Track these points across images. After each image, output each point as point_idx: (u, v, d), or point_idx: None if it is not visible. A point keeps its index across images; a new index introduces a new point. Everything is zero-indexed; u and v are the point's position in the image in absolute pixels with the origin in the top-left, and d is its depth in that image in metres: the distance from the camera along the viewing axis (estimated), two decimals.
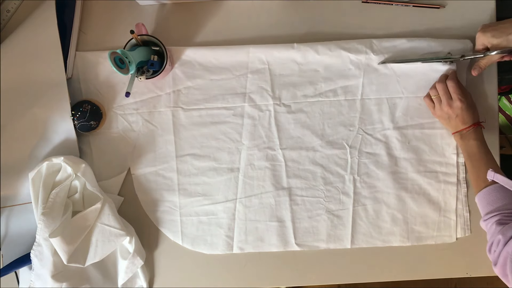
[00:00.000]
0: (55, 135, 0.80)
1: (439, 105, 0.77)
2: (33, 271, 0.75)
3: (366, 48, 0.80)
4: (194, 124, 0.82)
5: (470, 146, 0.75)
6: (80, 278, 0.77)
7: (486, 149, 0.74)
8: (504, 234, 0.64)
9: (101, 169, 0.82)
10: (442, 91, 0.76)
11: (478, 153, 0.74)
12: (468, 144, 0.76)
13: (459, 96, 0.74)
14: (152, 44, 0.77)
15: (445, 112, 0.77)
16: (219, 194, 0.82)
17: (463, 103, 0.74)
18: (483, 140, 0.75)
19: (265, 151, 0.82)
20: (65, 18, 0.80)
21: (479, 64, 0.77)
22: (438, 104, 0.78)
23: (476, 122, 0.76)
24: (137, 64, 0.73)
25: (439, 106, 0.77)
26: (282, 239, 0.82)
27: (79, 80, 0.82)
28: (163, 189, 0.82)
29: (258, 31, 0.82)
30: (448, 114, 0.77)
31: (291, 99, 0.82)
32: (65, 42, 0.79)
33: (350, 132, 0.82)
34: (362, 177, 0.81)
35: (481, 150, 0.74)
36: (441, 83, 0.77)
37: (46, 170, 0.75)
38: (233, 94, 0.82)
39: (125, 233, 0.75)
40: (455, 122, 0.77)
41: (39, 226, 0.73)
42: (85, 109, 0.79)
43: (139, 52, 0.74)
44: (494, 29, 0.72)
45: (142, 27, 0.76)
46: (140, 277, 0.80)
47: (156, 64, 0.75)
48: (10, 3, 0.81)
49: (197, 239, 0.82)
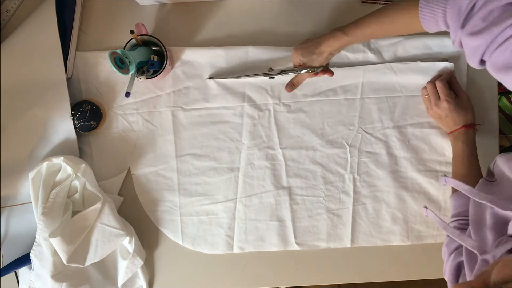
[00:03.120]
0: (55, 135, 0.80)
1: (430, 105, 0.78)
2: (33, 271, 0.75)
3: (363, 46, 0.80)
4: (194, 124, 0.82)
5: (457, 148, 0.74)
6: (80, 278, 0.77)
7: (471, 154, 0.73)
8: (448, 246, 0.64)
9: (101, 169, 0.82)
10: (431, 91, 0.77)
11: (461, 156, 0.73)
12: (456, 145, 0.75)
13: (446, 97, 0.74)
14: (152, 44, 0.77)
15: (435, 112, 0.77)
16: (219, 193, 0.82)
17: (450, 104, 0.74)
18: (470, 144, 0.73)
19: (265, 151, 0.82)
20: (65, 18, 0.80)
21: (292, 81, 0.77)
22: (429, 104, 0.78)
23: (468, 124, 0.74)
24: (137, 64, 0.73)
25: (430, 106, 0.78)
26: (282, 238, 0.82)
27: (79, 80, 0.82)
28: (163, 189, 0.82)
29: (258, 31, 0.82)
30: (438, 114, 0.77)
31: (290, 99, 0.82)
32: (65, 42, 0.79)
33: (350, 131, 0.82)
34: (362, 176, 0.81)
35: (465, 153, 0.73)
36: (430, 83, 0.77)
37: (46, 170, 0.75)
38: (233, 93, 0.82)
39: (125, 233, 0.75)
40: (446, 122, 0.76)
41: (39, 226, 0.73)
42: (85, 109, 0.79)
43: (139, 52, 0.74)
44: (302, 48, 0.72)
45: (142, 27, 0.76)
46: (140, 277, 0.80)
47: (156, 64, 0.75)
48: (10, 3, 0.81)
49: (197, 238, 0.82)
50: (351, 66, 0.80)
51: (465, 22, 0.49)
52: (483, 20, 0.47)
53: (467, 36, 0.49)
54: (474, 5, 0.48)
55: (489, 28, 0.46)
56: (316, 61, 0.72)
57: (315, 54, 0.71)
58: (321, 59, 0.71)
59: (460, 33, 0.50)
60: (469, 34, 0.49)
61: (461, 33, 0.50)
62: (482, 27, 0.47)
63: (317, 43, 0.70)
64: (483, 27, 0.47)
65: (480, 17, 0.46)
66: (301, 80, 0.77)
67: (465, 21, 0.49)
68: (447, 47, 0.80)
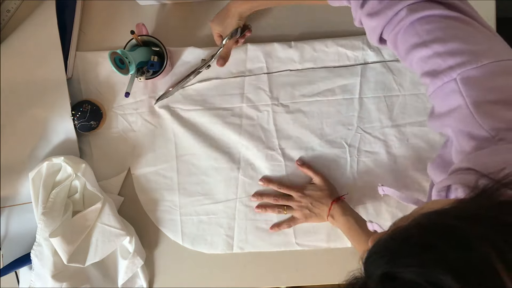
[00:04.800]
0: (55, 135, 0.80)
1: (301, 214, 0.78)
2: (33, 271, 0.75)
3: (363, 44, 0.80)
4: (193, 124, 0.82)
5: (342, 224, 0.74)
6: (80, 278, 0.77)
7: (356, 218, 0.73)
8: None
9: (101, 169, 0.82)
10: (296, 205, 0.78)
11: (352, 227, 0.73)
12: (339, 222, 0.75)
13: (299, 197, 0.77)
14: (152, 45, 0.77)
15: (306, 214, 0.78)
16: (219, 193, 0.82)
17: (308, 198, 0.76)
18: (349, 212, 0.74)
19: (264, 151, 0.82)
20: (65, 18, 0.80)
21: (220, 55, 0.75)
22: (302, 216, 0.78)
23: (334, 199, 0.76)
24: (137, 65, 0.73)
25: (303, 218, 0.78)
26: (282, 238, 0.82)
27: (79, 80, 0.82)
28: (163, 188, 0.82)
29: (258, 31, 0.82)
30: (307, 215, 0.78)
31: (289, 99, 0.82)
32: (65, 42, 0.80)
33: (348, 131, 0.82)
34: (361, 176, 0.81)
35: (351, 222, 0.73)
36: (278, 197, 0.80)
37: (46, 170, 0.75)
38: (231, 94, 0.82)
39: (125, 233, 0.75)
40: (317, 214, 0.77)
41: (39, 226, 0.73)
42: (85, 109, 0.79)
43: (139, 53, 0.74)
44: (215, 18, 0.73)
45: (143, 27, 0.77)
46: (140, 277, 0.80)
47: (156, 64, 0.75)
48: (10, 3, 0.81)
49: (197, 238, 0.82)
50: (349, 66, 0.81)
51: (364, 2, 0.50)
52: (379, 3, 0.48)
53: (366, 17, 0.51)
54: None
55: (383, 11, 0.48)
56: (230, 26, 0.72)
57: (228, 19, 0.71)
58: (233, 22, 0.71)
59: (360, 12, 0.52)
60: (367, 15, 0.50)
61: (361, 13, 0.51)
62: (378, 9, 0.48)
63: (226, 9, 0.71)
64: (379, 9, 0.48)
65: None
66: (228, 50, 0.76)
67: (364, 1, 0.50)
68: None
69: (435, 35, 0.43)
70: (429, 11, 0.44)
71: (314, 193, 0.77)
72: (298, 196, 0.78)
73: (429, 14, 0.44)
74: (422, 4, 0.45)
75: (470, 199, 0.30)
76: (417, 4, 0.45)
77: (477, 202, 0.29)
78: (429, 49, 0.43)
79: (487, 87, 0.39)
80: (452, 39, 0.42)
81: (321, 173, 0.79)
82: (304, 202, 0.77)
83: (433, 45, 0.43)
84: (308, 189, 0.78)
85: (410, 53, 0.46)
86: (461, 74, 0.40)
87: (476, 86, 0.39)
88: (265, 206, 0.80)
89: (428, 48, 0.43)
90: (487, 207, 0.28)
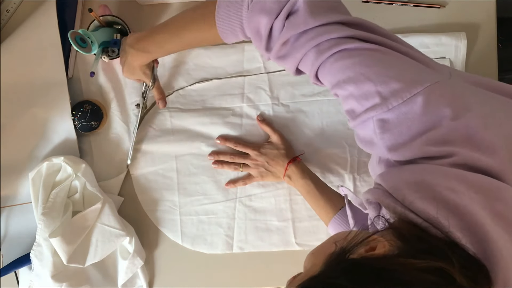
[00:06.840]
0: (55, 135, 0.80)
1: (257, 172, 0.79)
2: (33, 271, 0.75)
3: None
4: (193, 124, 0.82)
5: (300, 186, 0.75)
6: (80, 278, 0.77)
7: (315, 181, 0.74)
8: None
9: (101, 169, 0.82)
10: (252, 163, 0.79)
11: (311, 190, 0.73)
12: (297, 185, 0.75)
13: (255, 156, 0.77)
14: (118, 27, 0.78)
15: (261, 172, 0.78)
16: (219, 193, 0.82)
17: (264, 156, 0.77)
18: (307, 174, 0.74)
19: None
20: (66, 18, 0.80)
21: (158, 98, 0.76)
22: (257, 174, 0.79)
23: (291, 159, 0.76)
24: (101, 44, 0.73)
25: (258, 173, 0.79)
26: (282, 238, 0.81)
27: (80, 80, 0.82)
28: (163, 188, 0.82)
29: None
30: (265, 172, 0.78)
31: (289, 99, 0.82)
32: (66, 42, 0.79)
33: (349, 130, 0.81)
34: (361, 176, 0.81)
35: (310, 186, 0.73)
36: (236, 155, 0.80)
37: (46, 170, 0.75)
38: (232, 94, 0.82)
39: (125, 233, 0.75)
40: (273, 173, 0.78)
41: (39, 226, 0.73)
42: (86, 109, 0.79)
43: (102, 33, 0.74)
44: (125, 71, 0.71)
45: (106, 9, 0.77)
46: (140, 277, 0.80)
47: (119, 42, 0.75)
48: (10, 3, 0.81)
49: (197, 238, 0.82)
50: None
51: (268, 46, 0.50)
52: (285, 46, 0.48)
53: (276, 59, 0.51)
54: (271, 30, 0.48)
55: (292, 53, 0.48)
56: (143, 77, 0.71)
57: (136, 71, 0.70)
58: (143, 73, 0.71)
59: (267, 55, 0.52)
60: (276, 58, 0.51)
61: (269, 55, 0.52)
62: (285, 53, 0.49)
63: (128, 63, 0.68)
64: (286, 53, 0.49)
65: (280, 44, 0.48)
66: (159, 91, 0.76)
67: (268, 45, 0.50)
68: (444, 45, 0.80)
69: (347, 75, 0.44)
70: (336, 47, 0.44)
71: (270, 151, 0.77)
72: (254, 154, 0.78)
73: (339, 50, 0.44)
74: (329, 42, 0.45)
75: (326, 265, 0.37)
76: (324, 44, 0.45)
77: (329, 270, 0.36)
78: (344, 91, 0.44)
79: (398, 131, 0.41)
80: (363, 79, 0.42)
81: (279, 132, 0.79)
82: (260, 161, 0.77)
83: (347, 86, 0.44)
84: (264, 148, 0.78)
85: (332, 90, 0.47)
86: (376, 117, 0.42)
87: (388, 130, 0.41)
88: (221, 162, 0.80)
89: (343, 90, 0.44)
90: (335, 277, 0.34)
